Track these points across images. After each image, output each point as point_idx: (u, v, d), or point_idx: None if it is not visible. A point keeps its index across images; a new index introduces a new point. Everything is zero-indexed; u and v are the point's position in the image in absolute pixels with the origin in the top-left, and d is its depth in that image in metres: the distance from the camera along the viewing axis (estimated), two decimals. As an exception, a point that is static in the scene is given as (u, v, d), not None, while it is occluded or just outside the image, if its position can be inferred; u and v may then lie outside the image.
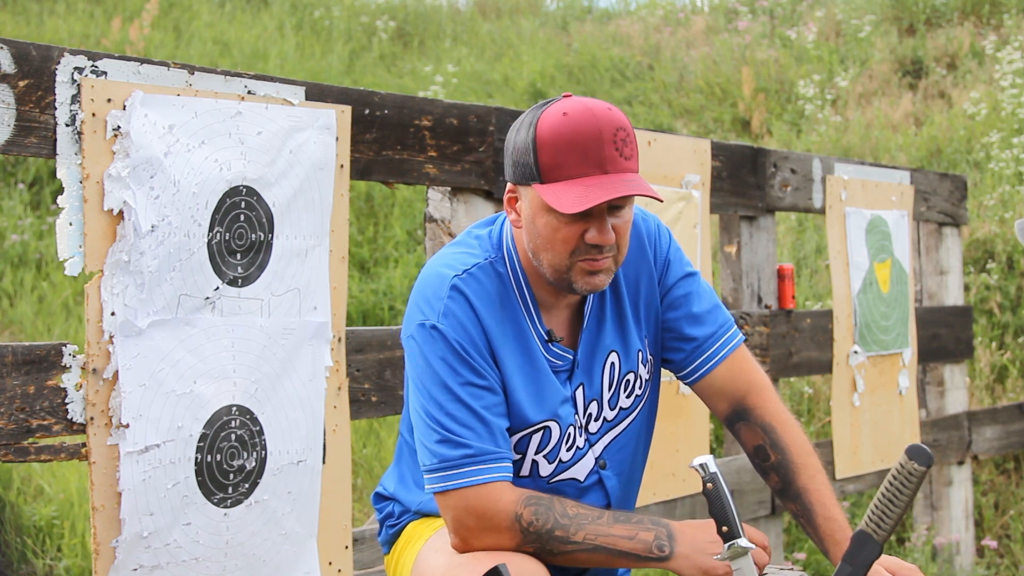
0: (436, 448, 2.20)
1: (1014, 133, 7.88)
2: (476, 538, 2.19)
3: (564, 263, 2.20)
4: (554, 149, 2.14)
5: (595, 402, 2.35)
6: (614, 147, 2.15)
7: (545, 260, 2.21)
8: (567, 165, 2.14)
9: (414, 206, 8.02)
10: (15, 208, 7.49)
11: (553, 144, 2.14)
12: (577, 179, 2.14)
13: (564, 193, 2.13)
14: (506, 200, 2.27)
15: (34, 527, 4.65)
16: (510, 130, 2.26)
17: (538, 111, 2.20)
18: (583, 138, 2.14)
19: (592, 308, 2.34)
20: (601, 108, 2.17)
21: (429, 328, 2.22)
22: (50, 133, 2.37)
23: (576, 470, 2.35)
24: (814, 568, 4.95)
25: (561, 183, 2.14)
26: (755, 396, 2.39)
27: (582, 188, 2.13)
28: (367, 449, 5.76)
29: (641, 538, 2.16)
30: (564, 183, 2.14)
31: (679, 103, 9.89)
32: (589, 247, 2.18)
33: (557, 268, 2.21)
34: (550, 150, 2.15)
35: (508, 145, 2.25)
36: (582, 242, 2.18)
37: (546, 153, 2.15)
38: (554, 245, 2.19)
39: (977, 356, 6.37)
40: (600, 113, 2.15)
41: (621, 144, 2.16)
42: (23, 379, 2.36)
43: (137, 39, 9.31)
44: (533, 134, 2.17)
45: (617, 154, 2.15)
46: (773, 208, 4.41)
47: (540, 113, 2.19)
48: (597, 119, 2.15)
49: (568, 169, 2.14)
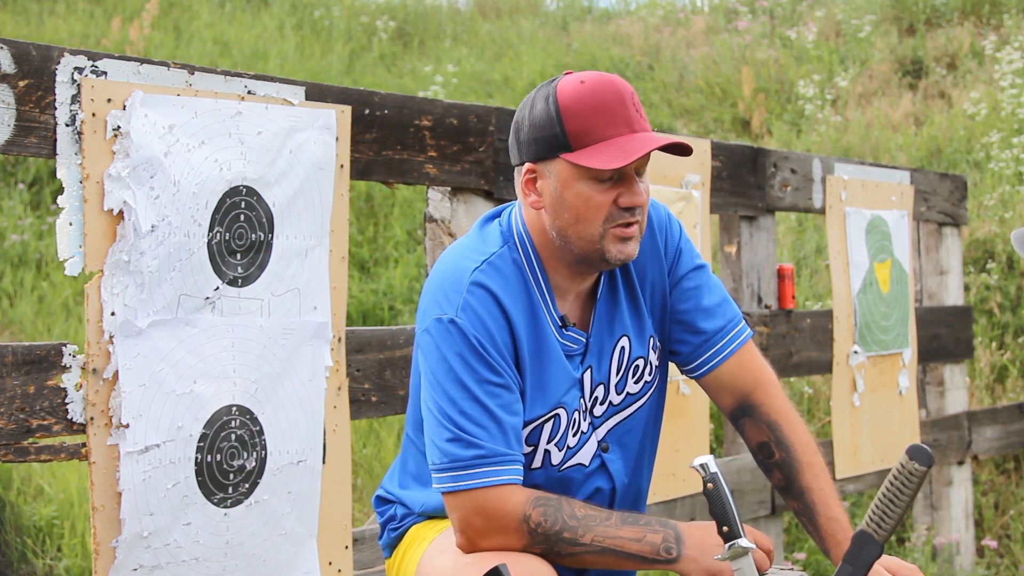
0: (447, 447, 2.18)
1: (1014, 133, 7.87)
2: (483, 539, 2.18)
3: (597, 232, 2.20)
4: (581, 115, 2.17)
5: (602, 386, 2.34)
6: (634, 108, 2.20)
7: (575, 234, 2.22)
8: (598, 128, 2.17)
9: (414, 206, 8.01)
10: (15, 208, 7.49)
11: (579, 110, 2.17)
12: (610, 140, 2.17)
13: (600, 153, 2.16)
14: (523, 183, 2.26)
15: (34, 527, 4.65)
16: (517, 113, 2.27)
17: (549, 87, 2.22)
18: (608, 102, 2.17)
19: (603, 292, 2.33)
20: (612, 75, 2.22)
21: (447, 322, 2.20)
22: (50, 133, 2.37)
23: (582, 455, 2.33)
24: (814, 568, 4.95)
25: (593, 146, 2.17)
26: (761, 392, 2.39)
27: (617, 147, 2.16)
28: (367, 449, 5.76)
29: (649, 540, 2.15)
30: (597, 146, 2.17)
31: (679, 103, 9.89)
32: (622, 211, 2.20)
33: (590, 239, 2.21)
34: (577, 116, 2.17)
35: (521, 124, 2.24)
36: (615, 207, 2.20)
37: (573, 120, 2.17)
38: (587, 214, 2.20)
39: (977, 356, 6.37)
40: (615, 79, 2.21)
41: (638, 106, 2.21)
42: (23, 379, 2.36)
43: (137, 39, 9.31)
44: (555, 105, 2.18)
45: (638, 115, 2.20)
46: (773, 208, 4.41)
47: (554, 87, 2.21)
48: (615, 84, 2.20)
49: (600, 132, 2.17)
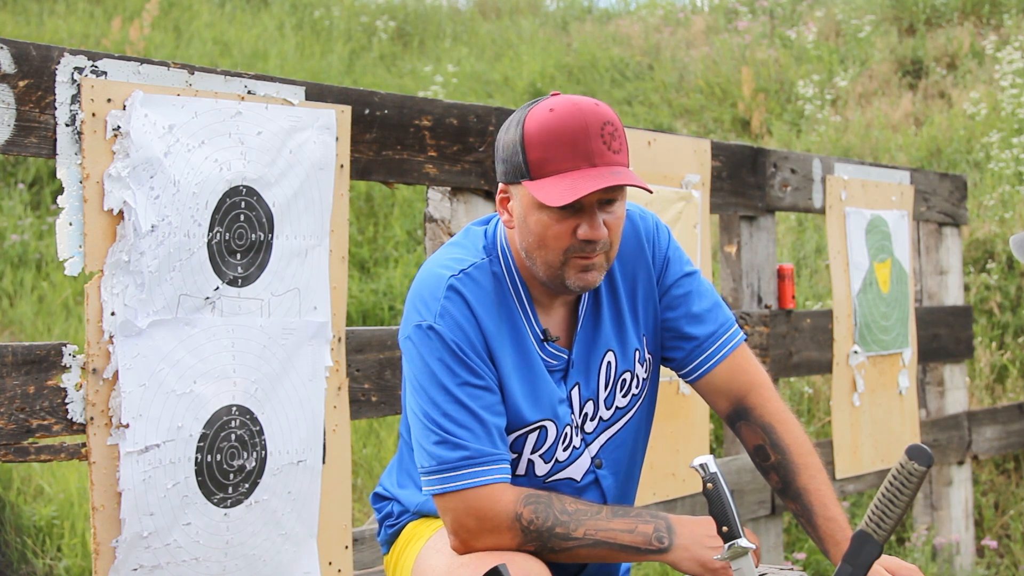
0: (434, 450, 2.19)
1: (1014, 133, 7.87)
2: (476, 539, 2.19)
3: (557, 260, 2.19)
4: (542, 145, 2.14)
5: (591, 401, 2.35)
6: (601, 140, 2.14)
7: (538, 259, 2.20)
8: (555, 160, 2.13)
9: (414, 206, 8.01)
10: (15, 208, 7.48)
11: (540, 140, 2.14)
12: (565, 173, 2.13)
13: (552, 187, 2.13)
14: (498, 201, 2.26)
15: (34, 527, 4.65)
16: (500, 131, 2.26)
17: (525, 110, 2.20)
18: (570, 132, 2.13)
19: (587, 307, 2.34)
20: (588, 103, 2.16)
21: (426, 329, 2.21)
22: (50, 133, 2.37)
23: (572, 470, 2.35)
24: (814, 568, 4.95)
25: (549, 178, 2.14)
26: (755, 395, 2.39)
27: (570, 181, 2.12)
28: (367, 449, 5.76)
29: (640, 531, 2.16)
30: (552, 178, 2.13)
31: (679, 103, 9.89)
32: (582, 243, 2.17)
33: (550, 266, 2.20)
34: (538, 146, 2.14)
35: (498, 145, 2.24)
36: (575, 238, 2.17)
37: (534, 149, 2.14)
38: (547, 242, 2.18)
39: (977, 356, 6.37)
40: (586, 107, 2.15)
41: (609, 138, 2.15)
42: (23, 379, 2.36)
43: (137, 39, 9.31)
44: (521, 132, 2.17)
45: (605, 147, 2.14)
46: (773, 208, 4.41)
47: (527, 111, 2.19)
48: (583, 113, 2.14)
49: (556, 164, 2.13)
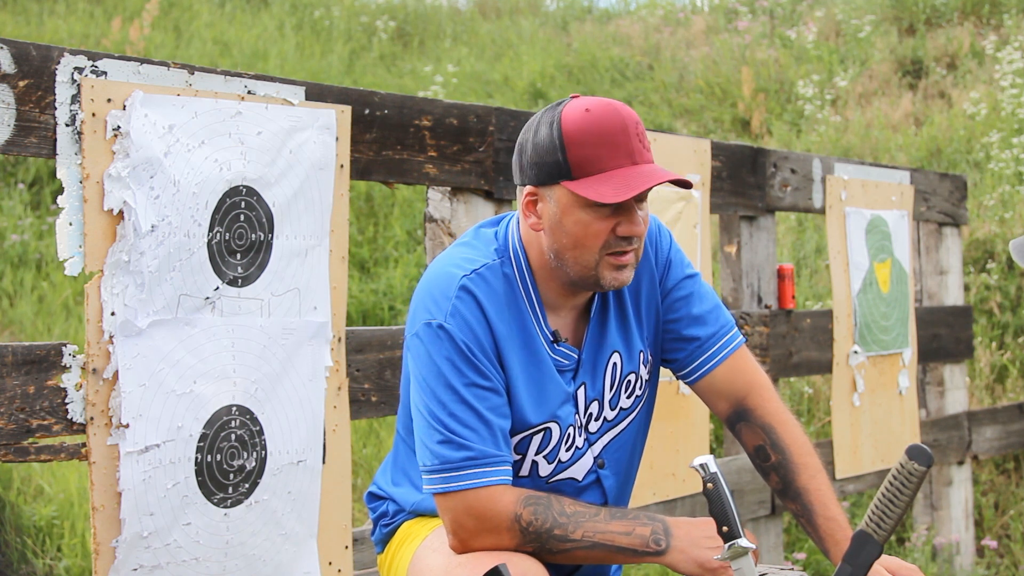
0: (437, 449, 2.20)
1: (1014, 133, 7.87)
2: (475, 539, 2.19)
3: (593, 259, 2.22)
4: (584, 144, 2.17)
5: (596, 402, 2.36)
6: (637, 139, 2.19)
7: (571, 259, 2.23)
8: (600, 159, 2.17)
9: (414, 206, 8.01)
10: (15, 208, 7.48)
11: (582, 140, 2.17)
12: (612, 171, 2.17)
13: (601, 185, 2.16)
14: (524, 205, 2.27)
15: (34, 527, 4.65)
16: (522, 134, 2.27)
17: (554, 111, 2.22)
18: (611, 132, 2.17)
19: (596, 309, 2.35)
20: (618, 103, 2.22)
21: (436, 327, 2.21)
22: (50, 133, 2.37)
23: (575, 470, 2.35)
24: (814, 568, 4.95)
25: (595, 176, 2.17)
26: (755, 396, 2.41)
27: (619, 179, 2.16)
28: (367, 449, 5.76)
29: (638, 533, 2.17)
30: (598, 176, 2.17)
31: (679, 103, 9.89)
32: (619, 240, 2.21)
33: (586, 265, 2.22)
34: (580, 146, 2.17)
35: (524, 148, 2.25)
36: (612, 236, 2.21)
37: (576, 149, 2.17)
38: (585, 241, 2.21)
39: (977, 356, 6.37)
40: (620, 108, 2.21)
41: (642, 136, 2.21)
42: (23, 379, 2.36)
43: (137, 39, 9.31)
44: (559, 132, 2.18)
45: (641, 146, 2.20)
46: (773, 208, 4.41)
47: (559, 112, 2.21)
48: (620, 113, 2.19)
49: (601, 163, 2.17)
